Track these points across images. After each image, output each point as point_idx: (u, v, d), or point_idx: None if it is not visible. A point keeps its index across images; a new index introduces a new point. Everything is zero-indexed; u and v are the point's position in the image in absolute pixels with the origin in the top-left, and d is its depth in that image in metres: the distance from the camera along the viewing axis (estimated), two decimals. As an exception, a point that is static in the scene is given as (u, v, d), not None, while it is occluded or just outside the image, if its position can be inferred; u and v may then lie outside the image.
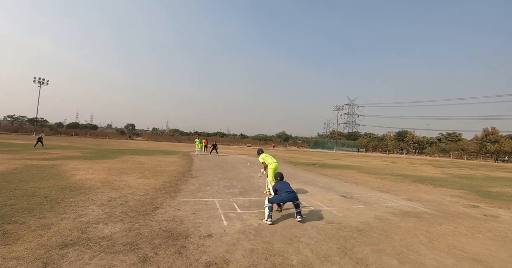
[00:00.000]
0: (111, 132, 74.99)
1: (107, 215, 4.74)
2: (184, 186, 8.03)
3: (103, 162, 12.70)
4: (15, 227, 3.88)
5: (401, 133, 77.00)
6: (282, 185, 5.57)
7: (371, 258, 3.65)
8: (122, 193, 6.53)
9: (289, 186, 5.55)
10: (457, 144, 62.86)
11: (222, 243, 3.93)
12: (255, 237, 4.23)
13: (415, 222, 5.74)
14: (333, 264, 3.41)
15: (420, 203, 8.11)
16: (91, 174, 9.08)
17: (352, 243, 4.19)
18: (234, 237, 4.20)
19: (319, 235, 4.46)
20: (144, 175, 9.53)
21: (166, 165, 13.07)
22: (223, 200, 6.70)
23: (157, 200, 6.13)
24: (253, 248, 3.80)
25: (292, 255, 3.61)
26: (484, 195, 10.28)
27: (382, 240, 4.38)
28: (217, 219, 5.06)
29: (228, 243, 3.92)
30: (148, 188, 7.33)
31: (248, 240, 4.10)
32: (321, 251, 3.79)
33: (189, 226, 4.56)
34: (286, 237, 4.29)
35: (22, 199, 5.41)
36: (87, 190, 6.62)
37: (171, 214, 5.11)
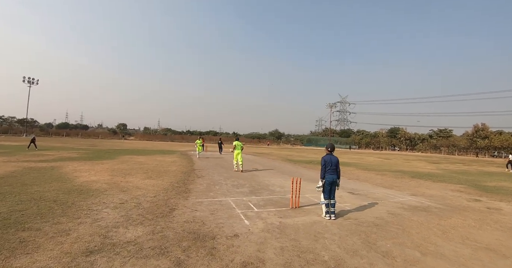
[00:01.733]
0: (103, 132, 73.52)
1: (124, 219, 4.56)
2: (193, 186, 7.88)
3: (102, 163, 12.37)
4: (32, 234, 3.66)
5: (393, 130, 78.22)
6: (330, 159, 5.54)
7: (395, 251, 3.77)
8: (133, 195, 6.34)
9: (336, 164, 5.54)
10: (448, 140, 64.36)
11: (251, 242, 3.87)
12: (280, 235, 4.21)
13: (425, 216, 5.92)
14: (363, 258, 3.48)
15: (425, 198, 8.29)
16: (94, 175, 8.81)
17: (373, 237, 4.30)
18: (261, 236, 4.15)
19: (341, 231, 4.53)
20: (149, 176, 9.33)
21: (167, 165, 12.86)
22: (237, 199, 6.60)
23: (171, 201, 5.97)
24: (283, 246, 3.79)
25: (321, 251, 3.65)
26: (483, 189, 10.53)
27: (400, 234, 4.53)
28: (237, 219, 4.97)
29: (257, 242, 3.87)
30: (158, 189, 7.15)
31: (275, 238, 4.07)
32: (347, 246, 3.86)
33: (212, 226, 4.44)
34: (310, 234, 4.33)
35: (30, 203, 5.15)
36: (95, 192, 6.39)
37: (190, 215, 4.97)
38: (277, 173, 12.35)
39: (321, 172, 5.55)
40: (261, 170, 13.21)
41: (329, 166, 5.49)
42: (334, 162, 5.55)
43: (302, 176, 11.63)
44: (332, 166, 5.50)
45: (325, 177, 5.49)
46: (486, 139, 55.55)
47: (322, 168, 5.54)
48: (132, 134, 74.47)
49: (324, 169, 5.51)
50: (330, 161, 5.53)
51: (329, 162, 5.51)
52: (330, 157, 5.58)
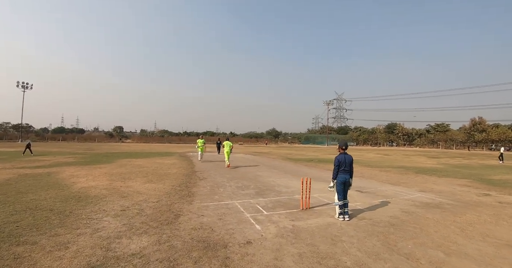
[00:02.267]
0: (99, 135, 72.51)
1: (127, 227, 4.25)
2: (196, 189, 7.58)
3: (100, 167, 12.00)
4: (27, 249, 3.34)
5: (390, 126, 78.38)
6: (344, 158, 5.30)
7: (417, 252, 3.62)
8: (134, 201, 6.02)
9: (350, 163, 5.33)
10: (445, 135, 64.53)
11: (266, 249, 3.62)
12: (296, 240, 3.97)
13: (440, 213, 5.80)
14: (386, 262, 3.30)
15: (435, 194, 8.14)
16: (93, 181, 8.46)
17: (393, 238, 4.13)
18: (275, 242, 3.90)
19: (358, 233, 4.34)
20: (149, 180, 9.00)
21: (167, 168, 12.53)
22: (244, 202, 6.32)
23: (174, 206, 5.67)
24: (300, 252, 3.56)
25: (342, 256, 3.45)
26: (489, 183, 10.39)
27: (418, 234, 4.38)
28: (247, 224, 4.69)
29: (272, 249, 3.62)
30: (159, 194, 6.84)
31: (290, 244, 3.84)
32: (367, 249, 3.68)
33: (222, 233, 4.16)
34: (327, 238, 4.11)
35: (25, 214, 4.80)
36: (94, 199, 6.06)
37: (197, 222, 4.67)
38: (280, 173, 12.09)
39: (333, 172, 5.33)
40: (264, 170, 12.94)
41: (343, 166, 5.26)
42: (349, 162, 5.32)
43: (306, 175, 11.40)
44: (346, 167, 5.27)
45: (337, 177, 5.28)
46: (484, 132, 55.80)
47: (335, 168, 5.30)
48: (129, 136, 73.60)
49: (337, 169, 5.28)
50: (344, 161, 5.29)
51: (343, 162, 5.28)
52: (344, 156, 5.34)
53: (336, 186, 5.28)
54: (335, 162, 5.29)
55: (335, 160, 5.32)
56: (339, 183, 5.25)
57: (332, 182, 5.33)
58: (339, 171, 5.28)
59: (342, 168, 5.26)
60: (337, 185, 5.27)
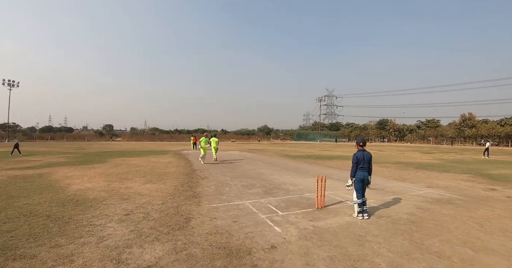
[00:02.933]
0: (89, 134, 70.45)
1: (135, 234, 3.87)
2: (200, 190, 7.20)
3: (94, 167, 11.42)
4: (26, 265, 2.91)
5: (382, 122, 79.15)
6: (363, 155, 5.08)
7: (446, 250, 3.56)
8: (137, 204, 5.60)
9: (369, 160, 5.11)
10: (436, 130, 65.56)
11: (294, 254, 3.35)
12: (321, 243, 3.74)
13: (454, 209, 5.76)
14: (420, 262, 3.21)
15: (442, 189, 8.09)
16: (89, 182, 7.95)
17: (417, 236, 4.05)
18: (301, 245, 3.65)
19: (382, 232, 4.20)
20: (149, 180, 8.55)
21: (164, 167, 12.06)
22: (254, 202, 6.00)
23: (182, 208, 5.30)
24: (330, 255, 3.36)
25: (374, 257, 3.29)
26: (491, 178, 10.41)
27: (440, 230, 4.34)
28: (265, 226, 4.39)
29: (300, 254, 3.37)
30: (163, 195, 6.44)
31: (317, 246, 3.60)
32: (397, 249, 3.57)
33: (241, 237, 3.84)
34: (353, 238, 3.92)
35: (19, 221, 4.33)
36: (93, 202, 5.61)
37: (211, 225, 4.33)
38: (282, 170, 11.81)
39: (351, 169, 5.10)
40: (264, 168, 12.63)
41: (362, 163, 5.04)
42: (367, 159, 5.10)
43: (308, 173, 11.20)
44: (365, 164, 5.05)
45: (356, 175, 5.06)
46: (474, 128, 56.95)
47: (353, 165, 5.07)
48: (119, 135, 71.96)
49: (355, 167, 5.05)
50: (362, 158, 5.05)
51: (362, 159, 5.05)
52: (363, 154, 5.11)
53: (355, 184, 5.08)
54: (354, 159, 5.07)
55: (353, 157, 5.10)
56: (357, 180, 5.05)
57: (350, 180, 5.08)
58: (357, 169, 5.05)
59: (361, 165, 5.06)
60: (355, 183, 5.07)
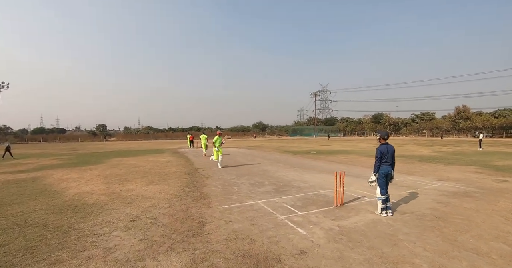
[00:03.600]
0: (82, 134, 68.76)
1: (146, 244, 3.44)
2: (207, 190, 6.78)
3: (91, 169, 10.87)
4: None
5: (377, 116, 79.38)
6: (387, 149, 4.81)
7: (482, 246, 3.44)
8: (142, 208, 5.16)
9: (392, 155, 4.86)
10: (431, 123, 66.00)
11: (328, 259, 3.04)
12: (353, 244, 3.44)
13: (473, 202, 5.62)
14: (461, 260, 3.06)
15: (454, 182, 7.92)
16: (87, 185, 7.44)
17: (448, 232, 3.89)
18: (332, 248, 3.34)
19: (411, 229, 4.01)
20: (150, 181, 8.09)
21: (164, 166, 11.58)
22: (268, 201, 5.62)
23: (192, 212, 4.88)
24: (367, 258, 3.10)
25: (413, 258, 3.10)
26: (498, 169, 10.25)
27: (468, 225, 4.21)
28: (287, 228, 4.04)
29: (335, 258, 3.06)
30: (168, 197, 6.00)
31: (350, 249, 3.30)
32: (432, 247, 3.40)
33: (264, 242, 3.47)
34: (384, 238, 3.68)
35: (13, 233, 3.85)
36: (94, 208, 5.14)
37: (228, 230, 3.93)
38: (286, 167, 11.47)
39: (375, 164, 4.79)
40: (268, 165, 12.26)
41: (385, 158, 4.76)
42: (391, 153, 4.82)
43: (314, 168, 10.87)
44: (388, 158, 4.77)
45: (379, 170, 4.76)
46: (468, 120, 57.47)
47: (377, 160, 4.77)
48: (113, 135, 70.56)
49: (379, 161, 4.75)
50: (386, 152, 4.77)
51: (386, 154, 4.76)
52: (387, 147, 4.83)
53: (378, 180, 4.78)
54: (377, 154, 4.77)
55: (377, 151, 4.80)
56: (381, 176, 4.76)
57: (374, 176, 4.77)
58: (381, 163, 4.76)
59: (384, 160, 4.76)
60: (379, 178, 4.77)
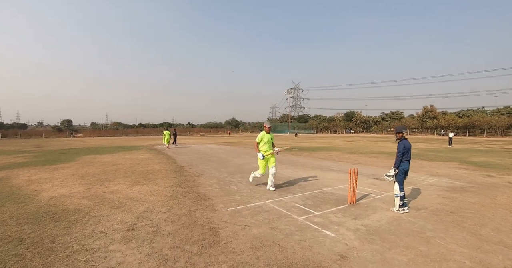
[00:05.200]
0: (46, 130, 62.86)
1: (157, 260, 2.82)
2: (204, 190, 6.16)
3: (63, 168, 9.63)
4: None
5: (349, 114, 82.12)
6: (409, 145, 4.66)
7: (506, 239, 3.45)
8: (136, 213, 4.45)
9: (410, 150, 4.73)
10: (400, 122, 69.57)
11: (372, 263, 2.79)
12: (389, 245, 3.25)
13: (475, 196, 5.70)
14: (496, 254, 3.04)
15: (447, 178, 8.09)
16: (62, 187, 6.44)
17: (469, 227, 3.88)
18: (370, 250, 3.10)
19: (435, 226, 3.93)
20: (135, 180, 7.26)
21: (145, 164, 10.65)
22: (276, 201, 5.20)
23: (197, 216, 4.29)
24: (410, 258, 2.91)
25: (453, 255, 3.01)
26: (478, 165, 10.77)
27: (482, 219, 4.24)
28: (313, 230, 3.69)
29: (379, 261, 2.84)
30: (162, 199, 5.31)
31: (389, 250, 3.11)
32: (463, 242, 3.35)
33: (296, 249, 3.08)
34: (414, 236, 3.54)
35: (-24, 251, 3.02)
36: (78, 215, 4.32)
37: (248, 236, 3.43)
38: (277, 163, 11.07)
39: (396, 159, 4.60)
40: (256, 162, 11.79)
41: (407, 154, 4.62)
42: (411, 148, 4.70)
43: (304, 165, 10.61)
44: (409, 155, 4.66)
45: (400, 166, 4.60)
46: (435, 119, 61.36)
47: (399, 155, 4.59)
48: (79, 130, 65.70)
49: (401, 157, 4.58)
50: (408, 148, 4.64)
51: (408, 150, 4.63)
52: (408, 143, 4.68)
53: (398, 176, 4.61)
54: (401, 148, 4.60)
55: (400, 146, 4.62)
56: (401, 172, 4.60)
57: (394, 171, 4.56)
58: (402, 159, 4.60)
59: (406, 156, 4.62)
60: (399, 174, 4.60)
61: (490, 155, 15.07)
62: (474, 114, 59.58)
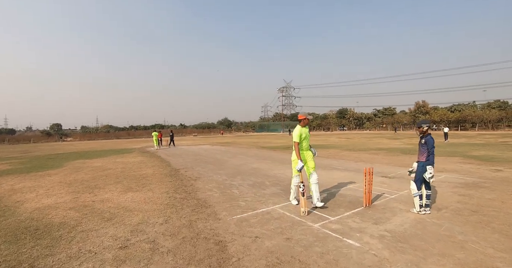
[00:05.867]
0: (35, 135, 60.87)
1: (157, 285, 2.37)
2: (203, 195, 5.68)
3: (49, 175, 8.98)
4: None
5: (342, 111, 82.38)
6: (433, 140, 4.25)
7: None
8: (130, 225, 3.94)
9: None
10: (393, 118, 70.08)
11: None
12: (423, 253, 2.90)
13: (491, 193, 5.46)
14: None
15: (457, 173, 7.81)
16: (47, 196, 5.85)
17: (499, 228, 3.58)
18: (404, 261, 2.75)
19: (462, 228, 3.61)
20: (127, 187, 6.72)
21: (137, 168, 10.09)
22: (285, 206, 4.76)
23: (198, 227, 3.81)
24: None
25: (493, 261, 2.69)
26: (481, 159, 10.59)
27: (509, 218, 3.97)
28: (333, 240, 3.27)
29: None
30: (159, 208, 4.80)
31: (424, 260, 2.79)
32: (499, 246, 3.05)
33: (319, 264, 2.66)
34: (445, 241, 3.19)
35: None
36: (63, 230, 3.79)
37: (262, 250, 2.98)
38: (275, 163, 10.71)
39: (430, 156, 4.17)
40: (255, 162, 11.38)
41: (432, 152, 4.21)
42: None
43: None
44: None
45: (420, 164, 4.24)
46: (427, 114, 61.98)
47: (432, 150, 4.17)
48: (69, 134, 64.06)
49: (433, 153, 4.18)
50: (433, 143, 4.23)
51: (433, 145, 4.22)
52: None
53: (417, 174, 4.23)
54: (432, 143, 4.18)
55: (431, 140, 4.20)
56: (423, 170, 4.19)
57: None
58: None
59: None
60: (418, 171, 4.23)
61: (488, 148, 14.98)
62: (466, 109, 60.39)
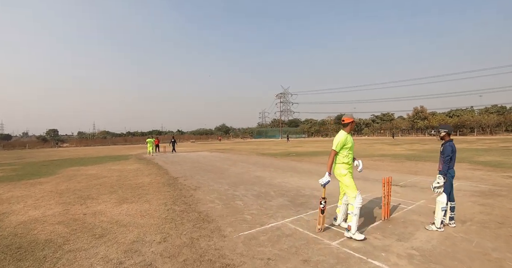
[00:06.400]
0: (31, 141, 60.21)
1: None
2: (204, 208, 5.23)
3: (41, 183, 8.47)
4: None
5: (340, 117, 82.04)
6: (455, 148, 3.90)
7: None
8: (123, 245, 3.49)
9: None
10: (391, 123, 69.98)
11: None
12: None
13: (511, 202, 5.21)
14: None
15: (470, 181, 7.49)
16: (35, 208, 5.37)
17: None
18: None
19: (493, 243, 3.28)
20: (122, 197, 6.26)
21: (134, 176, 9.62)
22: (296, 220, 4.35)
23: (201, 246, 3.38)
24: None
25: None
26: (489, 165, 10.34)
27: None
28: (356, 261, 2.87)
29: None
30: (156, 223, 4.35)
31: None
32: None
33: None
34: (482, 260, 2.86)
35: None
36: (48, 249, 3.34)
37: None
38: (278, 171, 10.28)
39: (444, 165, 3.81)
40: (257, 170, 10.97)
41: (454, 158, 3.85)
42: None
43: (310, 172, 9.68)
44: (455, 160, 3.90)
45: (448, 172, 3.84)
46: (425, 119, 62.02)
47: (447, 159, 3.79)
48: (65, 140, 63.27)
49: (449, 162, 3.79)
50: (455, 151, 3.86)
51: (455, 153, 3.86)
52: (454, 145, 3.92)
53: (446, 185, 3.79)
54: (449, 152, 3.79)
55: (448, 148, 3.82)
56: (451, 179, 3.84)
57: (442, 179, 3.73)
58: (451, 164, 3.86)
59: (453, 161, 3.85)
60: (447, 183, 3.80)
61: (493, 154, 14.72)
62: (464, 114, 60.51)
